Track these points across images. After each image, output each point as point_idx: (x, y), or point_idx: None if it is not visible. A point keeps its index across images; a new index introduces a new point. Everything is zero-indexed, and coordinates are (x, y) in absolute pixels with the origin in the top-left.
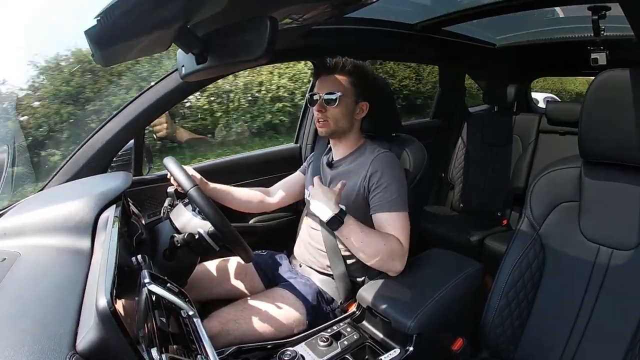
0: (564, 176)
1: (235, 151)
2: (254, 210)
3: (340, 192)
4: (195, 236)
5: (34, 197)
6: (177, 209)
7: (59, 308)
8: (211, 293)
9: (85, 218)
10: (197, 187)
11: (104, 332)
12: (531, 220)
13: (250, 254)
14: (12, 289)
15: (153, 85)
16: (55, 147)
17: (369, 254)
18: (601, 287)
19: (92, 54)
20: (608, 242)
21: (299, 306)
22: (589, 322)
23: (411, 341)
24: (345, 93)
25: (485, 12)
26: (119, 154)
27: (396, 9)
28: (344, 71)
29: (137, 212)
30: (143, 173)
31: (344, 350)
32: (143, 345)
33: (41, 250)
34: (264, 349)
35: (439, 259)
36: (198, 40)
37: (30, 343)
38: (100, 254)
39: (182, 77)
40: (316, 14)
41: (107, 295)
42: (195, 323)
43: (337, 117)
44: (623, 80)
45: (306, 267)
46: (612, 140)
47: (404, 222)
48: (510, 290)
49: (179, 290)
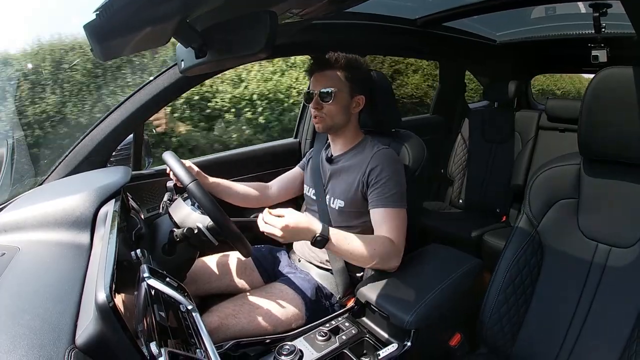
0: (563, 173)
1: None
2: (253, 206)
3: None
4: (194, 230)
5: (34, 192)
6: (177, 203)
7: (58, 302)
8: (210, 288)
9: (85, 213)
10: (196, 181)
11: (103, 326)
12: (530, 216)
13: (249, 248)
14: (11, 284)
15: (152, 80)
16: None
17: (362, 261)
18: (599, 284)
19: (91, 48)
20: (606, 239)
21: (297, 301)
22: (587, 319)
23: (409, 336)
24: (340, 88)
25: (486, 8)
26: (118, 148)
27: (396, 4)
28: (337, 66)
29: (136, 207)
30: (142, 168)
31: (342, 345)
32: (142, 339)
33: (41, 244)
34: (263, 344)
35: (437, 255)
36: (197, 35)
37: (30, 337)
38: (100, 248)
39: (181, 71)
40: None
41: (106, 290)
42: (194, 317)
43: (333, 112)
44: (624, 78)
45: (305, 262)
46: (612, 137)
47: (401, 218)
48: (508, 286)
49: (178, 285)
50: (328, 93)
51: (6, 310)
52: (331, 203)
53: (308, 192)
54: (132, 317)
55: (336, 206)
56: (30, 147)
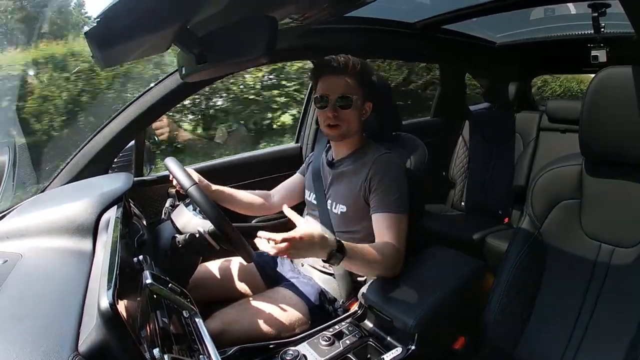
0: (565, 174)
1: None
2: (255, 214)
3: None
4: (196, 236)
5: (36, 199)
6: (179, 209)
7: (61, 309)
8: (213, 293)
9: (87, 219)
10: (196, 185)
11: (106, 332)
12: (532, 218)
13: (251, 253)
14: (14, 291)
15: (153, 86)
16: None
17: (369, 271)
18: (603, 284)
19: (91, 55)
20: (609, 239)
21: (301, 306)
22: (591, 319)
23: (413, 340)
24: (356, 94)
25: (485, 10)
26: (119, 155)
27: (395, 8)
28: (354, 72)
29: (138, 213)
30: (144, 174)
31: (346, 349)
32: (145, 345)
33: (43, 251)
34: (266, 349)
35: (440, 258)
36: (198, 41)
37: (33, 344)
38: (102, 255)
39: (182, 77)
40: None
41: (109, 296)
42: (197, 323)
43: (351, 119)
44: (624, 78)
45: (308, 266)
46: (613, 137)
47: (403, 223)
48: (511, 288)
49: (181, 291)
50: (348, 99)
51: (9, 317)
52: (333, 208)
53: (309, 197)
54: (135, 323)
55: (338, 211)
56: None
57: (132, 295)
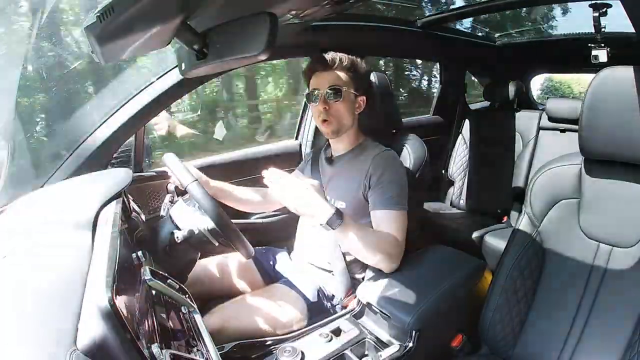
0: (564, 173)
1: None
2: (254, 210)
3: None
4: (195, 232)
5: (34, 194)
6: (178, 205)
7: (59, 305)
8: (212, 289)
9: (86, 215)
10: (196, 181)
11: (104, 328)
12: (531, 217)
13: (250, 249)
14: (12, 286)
15: (153, 82)
16: None
17: (366, 252)
18: (600, 284)
19: (91, 50)
20: (608, 239)
21: (299, 302)
22: (589, 319)
23: (411, 337)
24: (347, 87)
25: (486, 9)
26: (119, 150)
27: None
28: (341, 66)
29: (137, 209)
30: (143, 170)
31: (344, 346)
32: (144, 341)
33: (41, 247)
34: (265, 345)
35: (439, 256)
36: (198, 36)
37: (31, 340)
38: (101, 250)
39: (182, 73)
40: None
41: (107, 292)
42: (195, 319)
43: (341, 112)
44: (625, 78)
45: (306, 263)
46: (613, 137)
47: (402, 220)
48: (510, 287)
49: (180, 287)
50: (337, 90)
51: (7, 313)
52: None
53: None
54: (133, 319)
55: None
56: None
57: (130, 291)
